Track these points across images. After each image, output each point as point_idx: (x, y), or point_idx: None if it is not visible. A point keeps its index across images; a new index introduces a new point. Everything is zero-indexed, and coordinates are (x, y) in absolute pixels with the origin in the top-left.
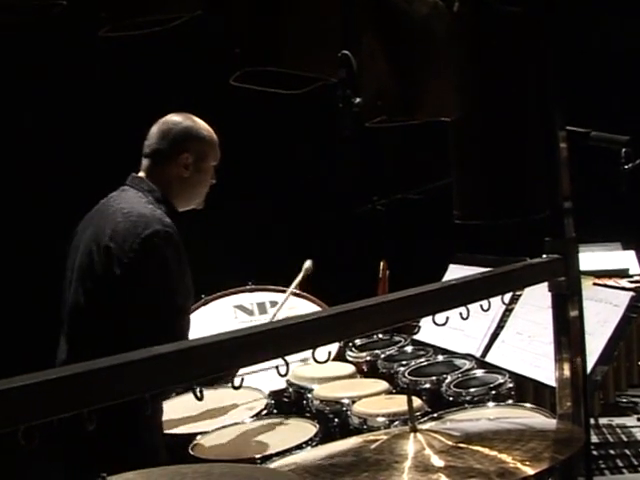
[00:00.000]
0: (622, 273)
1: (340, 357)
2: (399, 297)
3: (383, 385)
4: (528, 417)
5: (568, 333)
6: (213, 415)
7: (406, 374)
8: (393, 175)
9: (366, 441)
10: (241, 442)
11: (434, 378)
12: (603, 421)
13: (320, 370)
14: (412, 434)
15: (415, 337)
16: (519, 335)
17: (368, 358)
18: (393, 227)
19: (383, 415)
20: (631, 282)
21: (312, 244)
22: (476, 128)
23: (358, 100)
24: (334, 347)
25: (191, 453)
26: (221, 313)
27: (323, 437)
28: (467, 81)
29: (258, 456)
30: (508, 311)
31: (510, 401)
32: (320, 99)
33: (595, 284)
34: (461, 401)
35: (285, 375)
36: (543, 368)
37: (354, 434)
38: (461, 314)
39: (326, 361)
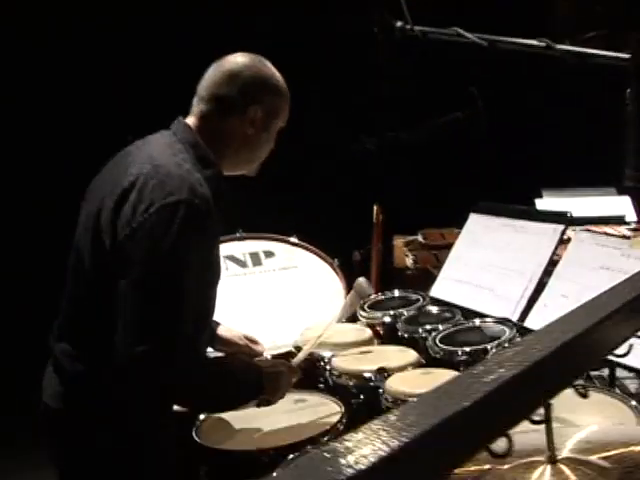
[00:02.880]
0: (618, 220)
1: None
2: None
3: (411, 355)
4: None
5: None
6: None
7: (437, 342)
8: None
9: (478, 470)
10: (253, 425)
11: (474, 349)
12: None
13: (332, 334)
14: (549, 466)
15: (435, 295)
16: (565, 299)
17: (386, 319)
18: (385, 168)
19: None
20: (630, 230)
21: (300, 188)
22: None
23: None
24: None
25: (196, 439)
26: None
27: (350, 418)
28: None
29: (274, 446)
30: (548, 271)
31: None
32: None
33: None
34: None
35: None
36: None
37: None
38: None
39: None
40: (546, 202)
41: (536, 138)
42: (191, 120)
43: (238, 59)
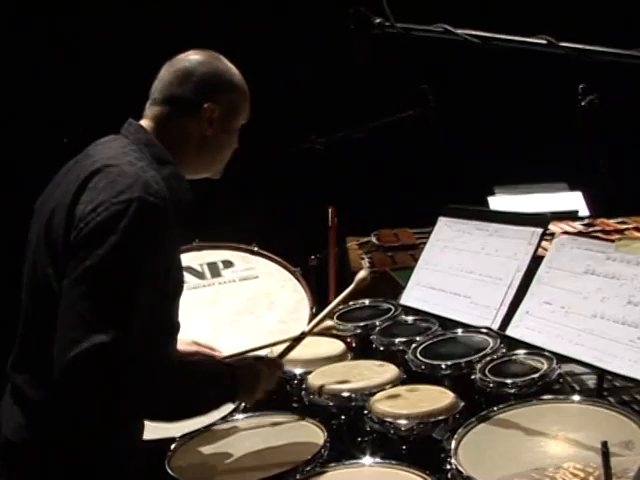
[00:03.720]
0: (572, 215)
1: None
2: None
3: (392, 370)
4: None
5: None
6: None
7: (418, 355)
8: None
9: None
10: (228, 453)
11: (459, 362)
12: None
13: (303, 349)
14: None
15: (407, 303)
16: (548, 305)
17: (358, 331)
18: (336, 169)
19: (416, 417)
20: (584, 225)
21: (251, 193)
22: None
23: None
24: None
25: (170, 473)
26: None
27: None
28: None
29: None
30: (527, 276)
31: (577, 396)
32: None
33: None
34: (504, 394)
35: None
36: (587, 347)
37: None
38: None
39: None
40: (499, 200)
41: (487, 136)
42: (145, 122)
43: (190, 57)
